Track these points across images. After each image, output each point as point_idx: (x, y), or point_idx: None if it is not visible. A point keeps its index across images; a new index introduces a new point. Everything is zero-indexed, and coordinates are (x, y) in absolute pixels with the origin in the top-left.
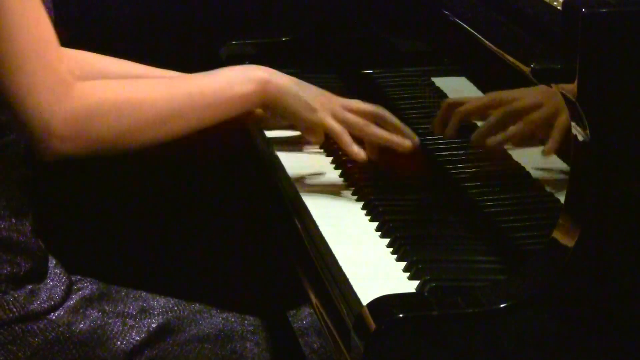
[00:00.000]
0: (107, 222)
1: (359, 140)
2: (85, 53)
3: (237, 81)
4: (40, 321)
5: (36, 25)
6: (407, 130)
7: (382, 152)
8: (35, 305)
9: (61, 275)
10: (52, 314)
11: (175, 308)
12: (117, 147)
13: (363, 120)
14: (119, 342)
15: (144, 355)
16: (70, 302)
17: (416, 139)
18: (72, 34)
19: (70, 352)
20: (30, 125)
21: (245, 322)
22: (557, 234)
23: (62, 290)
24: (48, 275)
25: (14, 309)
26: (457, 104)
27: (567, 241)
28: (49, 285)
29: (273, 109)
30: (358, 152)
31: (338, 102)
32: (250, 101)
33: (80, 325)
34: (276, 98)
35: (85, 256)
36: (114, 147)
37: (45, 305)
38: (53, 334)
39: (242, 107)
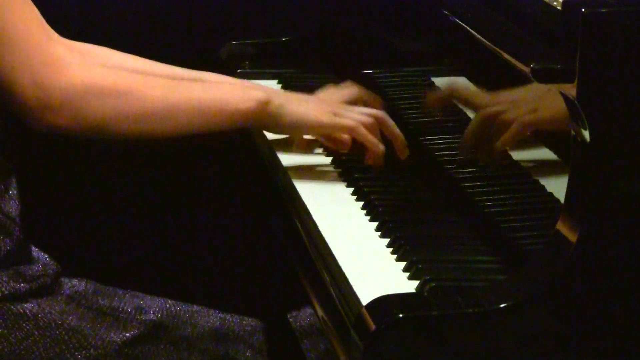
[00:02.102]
0: (104, 222)
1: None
2: (102, 48)
3: (236, 97)
4: (31, 305)
5: (16, 8)
6: (402, 141)
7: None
8: (22, 285)
9: (51, 264)
10: (43, 298)
11: (172, 308)
12: (108, 131)
13: (370, 119)
14: (112, 334)
15: (137, 350)
16: (64, 293)
17: (406, 152)
18: (72, 33)
19: (62, 338)
20: (25, 95)
21: (244, 322)
22: (557, 234)
23: (51, 275)
24: (33, 262)
25: (2, 287)
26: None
27: (567, 241)
28: (34, 270)
29: (275, 128)
30: (378, 142)
31: (339, 106)
32: (246, 119)
33: (74, 314)
34: (276, 117)
35: (81, 256)
36: (104, 130)
37: (34, 285)
38: (45, 319)
39: (236, 122)
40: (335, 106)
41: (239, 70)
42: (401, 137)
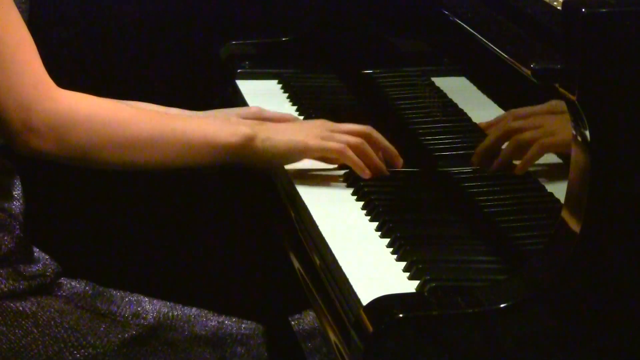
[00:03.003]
0: (104, 224)
1: None
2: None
3: (222, 131)
4: (30, 303)
5: (9, 26)
6: (393, 151)
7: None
8: (22, 283)
9: (51, 264)
10: (43, 297)
11: (170, 312)
12: (92, 158)
13: (357, 139)
14: (111, 334)
15: (135, 350)
16: (63, 294)
17: (400, 161)
18: (72, 34)
19: (61, 337)
20: (10, 117)
21: (242, 325)
22: (557, 234)
23: (51, 275)
24: (34, 261)
25: (1, 284)
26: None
27: (567, 241)
28: (33, 269)
29: (261, 163)
30: (364, 167)
31: (324, 127)
32: (232, 153)
33: (73, 314)
34: (263, 151)
35: (80, 258)
36: (88, 157)
37: (34, 283)
38: (44, 318)
39: (221, 157)
40: (322, 128)
41: (238, 70)
42: (391, 149)
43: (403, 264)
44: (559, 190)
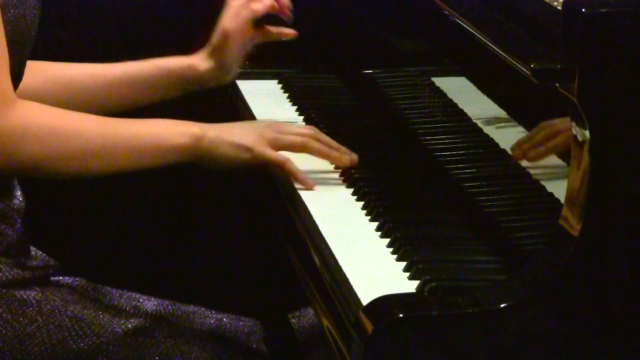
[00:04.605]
0: (102, 223)
1: None
2: (51, 63)
3: (170, 132)
4: (35, 292)
5: None
6: (343, 148)
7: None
8: (25, 272)
9: (49, 260)
10: (47, 287)
11: (170, 308)
12: (43, 170)
13: (301, 139)
14: (115, 325)
15: (139, 341)
16: (66, 285)
17: (354, 156)
18: (72, 34)
19: (65, 325)
20: None
21: (241, 322)
22: (557, 234)
23: (51, 268)
24: (33, 258)
25: (5, 271)
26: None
27: (567, 241)
28: (33, 263)
29: (209, 162)
30: (304, 178)
31: (271, 130)
32: (182, 153)
33: (77, 304)
34: (210, 151)
35: (78, 257)
36: (39, 169)
37: (36, 273)
38: (49, 306)
39: (171, 158)
40: (270, 130)
41: (239, 70)
42: (330, 154)
43: (403, 264)
44: (559, 190)
